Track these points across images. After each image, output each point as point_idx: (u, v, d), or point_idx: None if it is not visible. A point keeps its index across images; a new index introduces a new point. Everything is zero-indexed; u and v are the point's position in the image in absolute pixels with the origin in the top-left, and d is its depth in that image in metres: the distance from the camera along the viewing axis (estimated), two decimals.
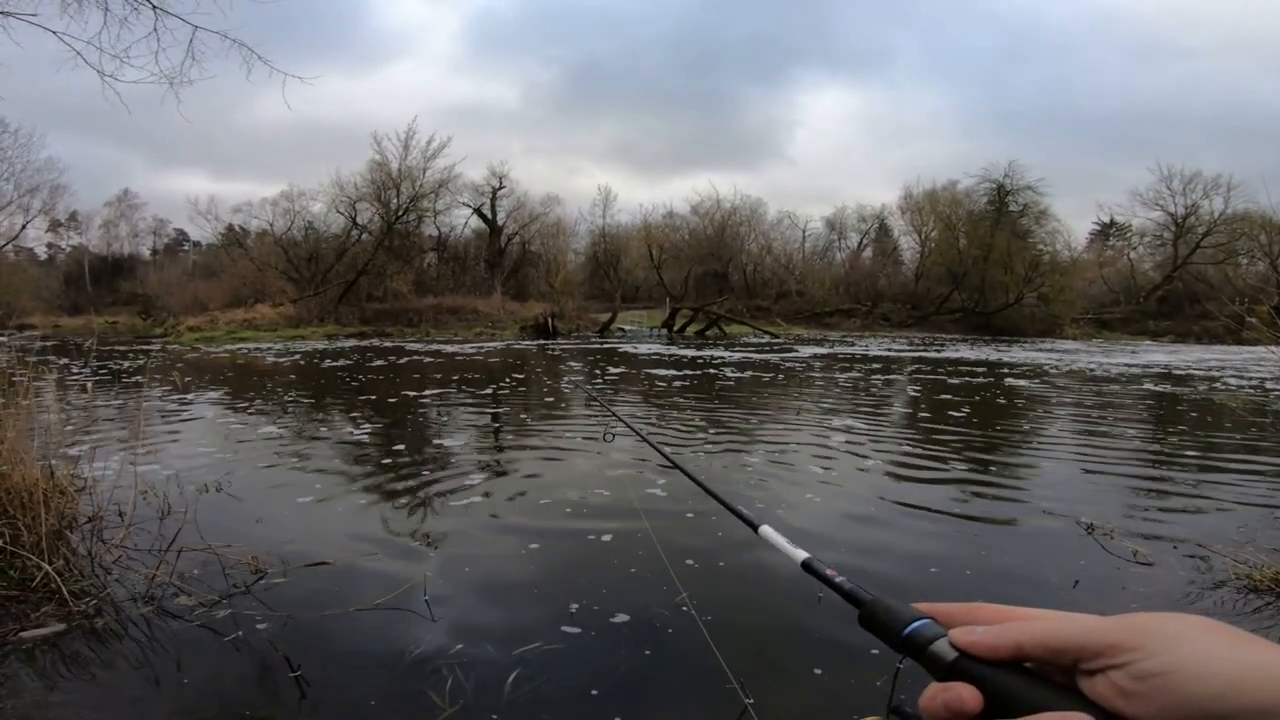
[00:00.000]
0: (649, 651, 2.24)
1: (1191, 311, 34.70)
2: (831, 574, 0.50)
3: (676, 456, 1.14)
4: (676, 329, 30.27)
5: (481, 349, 19.22)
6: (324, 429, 6.39)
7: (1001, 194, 39.87)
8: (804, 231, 47.05)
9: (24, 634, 2.26)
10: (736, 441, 5.91)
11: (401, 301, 31.02)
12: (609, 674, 2.11)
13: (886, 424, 7.15)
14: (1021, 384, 11.29)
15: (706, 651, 2.03)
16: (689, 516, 3.61)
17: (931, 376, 12.39)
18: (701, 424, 6.76)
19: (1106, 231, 47.51)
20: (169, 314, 30.67)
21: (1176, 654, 0.31)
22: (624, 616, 2.47)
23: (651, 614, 2.48)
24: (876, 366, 14.52)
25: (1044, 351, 22.03)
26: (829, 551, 3.17)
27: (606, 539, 3.29)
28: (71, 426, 5.41)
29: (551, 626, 2.38)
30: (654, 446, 1.27)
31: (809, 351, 19.63)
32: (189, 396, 8.59)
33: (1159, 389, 11.13)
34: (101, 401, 7.85)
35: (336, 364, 13.96)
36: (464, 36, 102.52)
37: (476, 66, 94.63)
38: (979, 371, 13.55)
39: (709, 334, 29.27)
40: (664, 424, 6.73)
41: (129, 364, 13.47)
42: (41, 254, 46.40)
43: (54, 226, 44.73)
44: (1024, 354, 20.30)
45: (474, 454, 5.29)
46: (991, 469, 4.99)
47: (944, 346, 23.77)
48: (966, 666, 0.37)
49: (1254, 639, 0.32)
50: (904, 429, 6.91)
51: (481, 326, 29.63)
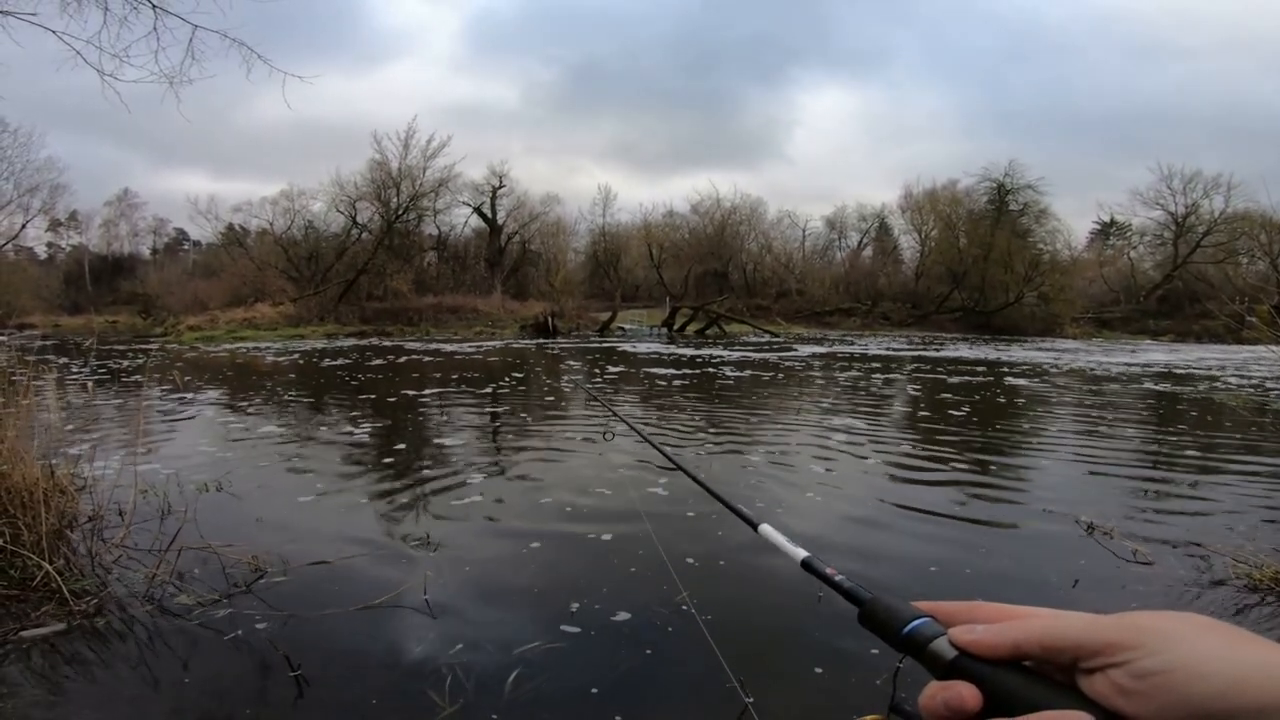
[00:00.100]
0: (649, 651, 2.25)
1: (1192, 311, 34.68)
2: (831, 573, 0.50)
3: (677, 456, 1.14)
4: (676, 328, 30.26)
5: (480, 348, 19.21)
6: (324, 428, 6.39)
7: (1002, 193, 39.86)
8: (804, 231, 47.11)
9: (24, 633, 2.26)
10: (736, 441, 5.91)
11: (401, 301, 31.01)
12: (609, 673, 2.11)
13: (886, 423, 7.15)
14: (1021, 383, 11.28)
15: (707, 650, 2.03)
16: (689, 516, 3.61)
17: (931, 375, 12.39)
18: (701, 423, 6.77)
19: (1107, 231, 47.50)
20: (169, 313, 30.67)
21: (1176, 652, 0.31)
22: (624, 616, 2.47)
23: (652, 613, 2.49)
24: (876, 366, 14.52)
25: (1044, 351, 22.03)
26: (829, 550, 3.17)
27: (607, 538, 3.29)
28: (71, 426, 5.41)
29: (552, 626, 2.38)
30: (655, 446, 1.27)
31: (808, 350, 19.62)
32: (189, 396, 8.59)
33: (1159, 388, 11.13)
34: (101, 401, 7.85)
35: (335, 363, 13.96)
36: (464, 36, 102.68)
37: (476, 66, 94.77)
38: (979, 371, 13.54)
39: (709, 333, 29.26)
40: (664, 423, 6.73)
41: (128, 363, 13.46)
42: (41, 253, 46.45)
43: (54, 226, 44.75)
44: (1024, 353, 20.30)
45: (474, 453, 5.29)
46: (991, 468, 4.99)
47: (944, 345, 23.76)
48: (966, 665, 0.37)
49: (1253, 638, 0.32)
50: (904, 428, 6.91)
51: (481, 325, 29.63)
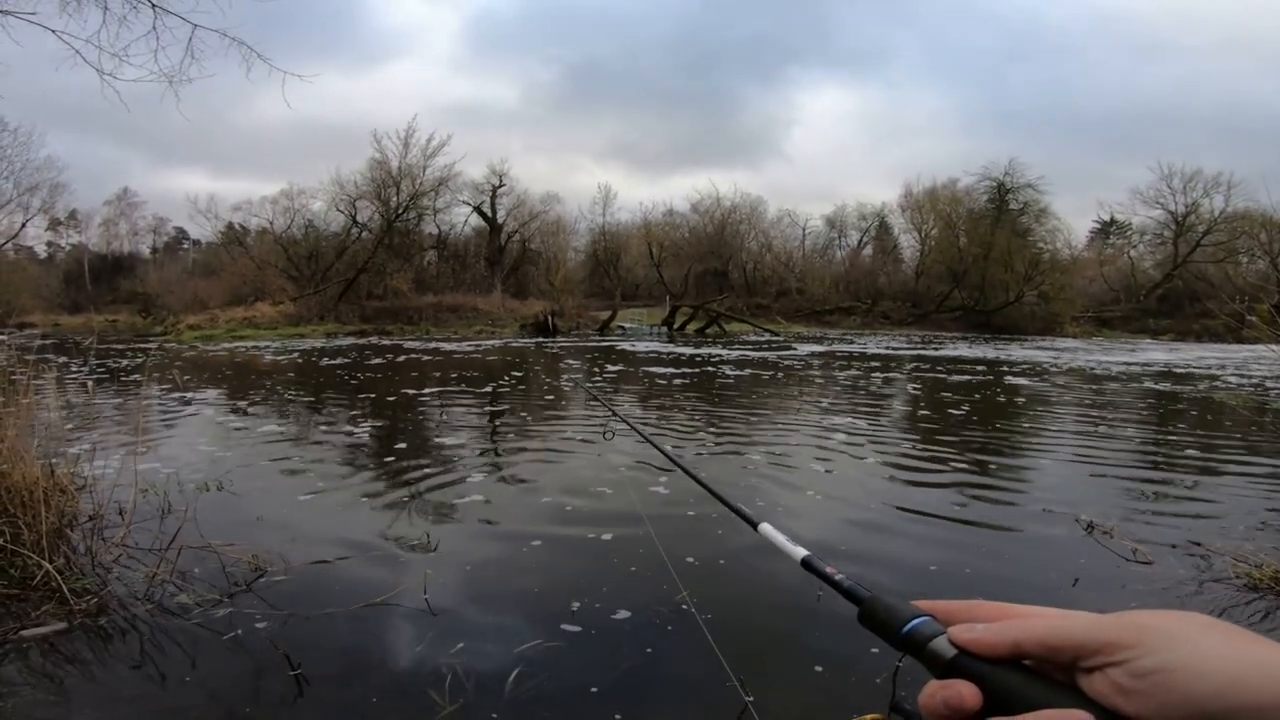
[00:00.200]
0: (649, 650, 2.25)
1: (1192, 310, 34.65)
2: (831, 571, 0.50)
3: (676, 455, 1.13)
4: (676, 327, 30.24)
5: (479, 347, 19.21)
6: (324, 427, 6.39)
7: (1002, 192, 39.82)
8: (804, 229, 47.02)
9: (24, 632, 2.26)
10: (736, 440, 5.91)
11: (401, 299, 30.98)
12: (609, 672, 2.12)
13: (886, 422, 7.15)
14: (1021, 382, 11.28)
15: (707, 649, 2.03)
16: (689, 515, 3.61)
17: (931, 375, 12.39)
18: (701, 422, 6.77)
19: (1107, 230, 47.47)
20: (169, 312, 30.64)
21: (1175, 651, 0.31)
22: (624, 614, 2.47)
23: (652, 612, 2.49)
24: (875, 365, 14.51)
25: (1044, 350, 22.03)
26: (829, 549, 3.17)
27: (607, 537, 3.29)
28: (71, 425, 5.41)
29: (552, 625, 2.38)
30: (655, 445, 1.27)
31: (807, 349, 19.62)
32: (188, 395, 8.59)
33: (1159, 387, 11.14)
34: (101, 400, 7.85)
35: (334, 362, 13.95)
36: (463, 36, 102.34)
37: (476, 66, 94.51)
38: (978, 370, 13.54)
39: (709, 332, 29.25)
40: (664, 422, 6.73)
41: (127, 362, 13.46)
42: (41, 252, 46.37)
43: (53, 225, 44.69)
44: (1023, 352, 20.30)
45: (474, 453, 5.29)
46: (991, 468, 4.99)
47: (943, 344, 23.75)
48: (966, 664, 0.37)
49: (1253, 637, 0.32)
50: (903, 427, 6.91)
51: (481, 324, 29.62)
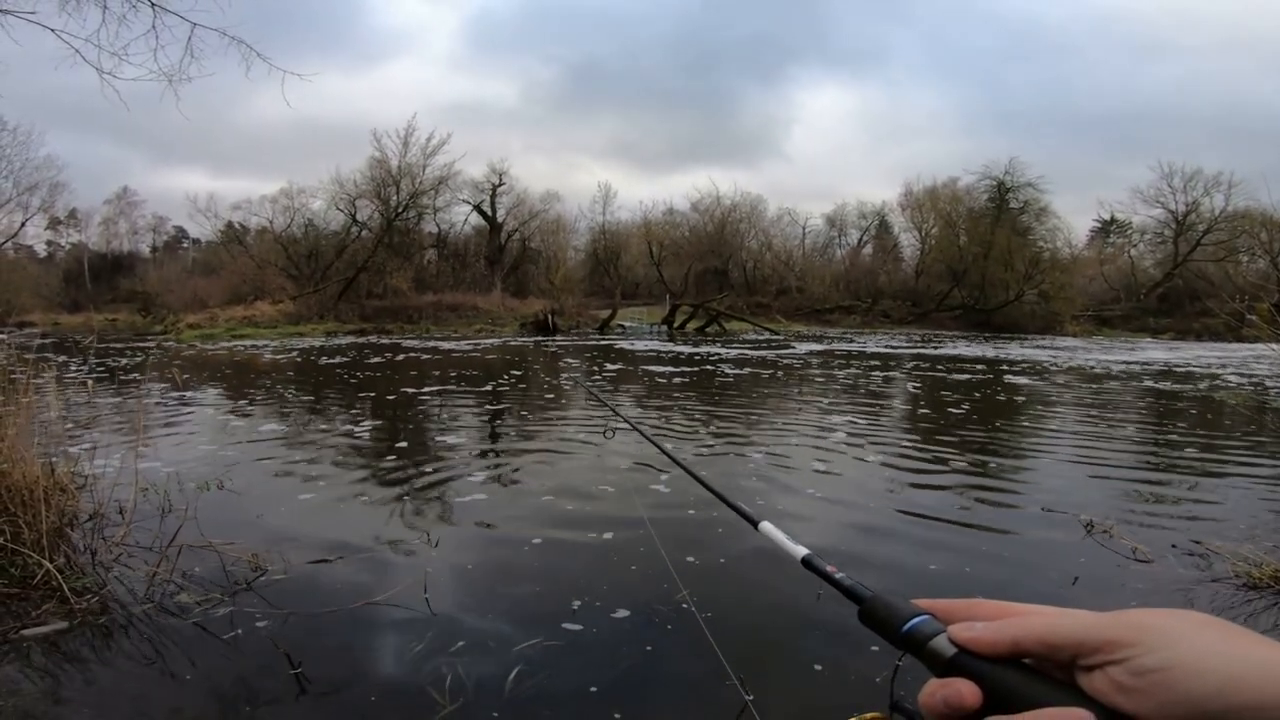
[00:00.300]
0: (649, 648, 2.25)
1: (1192, 309, 34.62)
2: (831, 570, 0.50)
3: (677, 454, 1.14)
4: (677, 325, 30.25)
5: (478, 345, 19.20)
6: (324, 426, 6.39)
7: (1002, 191, 39.80)
8: (804, 228, 47.00)
9: (25, 632, 2.26)
10: (736, 439, 5.92)
11: (401, 298, 30.99)
12: (610, 671, 2.12)
13: (885, 422, 7.16)
14: (1021, 381, 11.28)
15: (707, 648, 2.04)
16: (690, 513, 3.62)
17: (931, 373, 12.39)
18: (701, 421, 6.77)
19: (1107, 229, 47.45)
20: (169, 311, 30.64)
21: (1174, 650, 0.31)
22: (624, 613, 2.47)
23: (652, 611, 2.49)
24: (875, 364, 14.51)
25: (1044, 348, 22.03)
26: (829, 548, 3.18)
27: (607, 536, 3.30)
28: (71, 424, 5.41)
29: (552, 623, 2.39)
30: (655, 444, 1.27)
31: (806, 348, 19.62)
32: (188, 394, 8.60)
33: (1159, 386, 11.14)
34: (101, 399, 7.85)
35: (333, 361, 13.95)
36: (463, 35, 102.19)
37: (476, 65, 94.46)
38: (978, 369, 13.54)
39: (709, 330, 29.25)
40: (664, 422, 6.74)
41: (127, 361, 13.46)
42: (41, 251, 46.33)
43: (53, 224, 44.67)
44: (1023, 351, 20.29)
45: (474, 452, 5.30)
46: (991, 466, 5.00)
47: (943, 343, 23.75)
48: (966, 662, 0.37)
49: (1251, 635, 0.32)
50: (903, 427, 6.92)
51: (481, 323, 29.62)
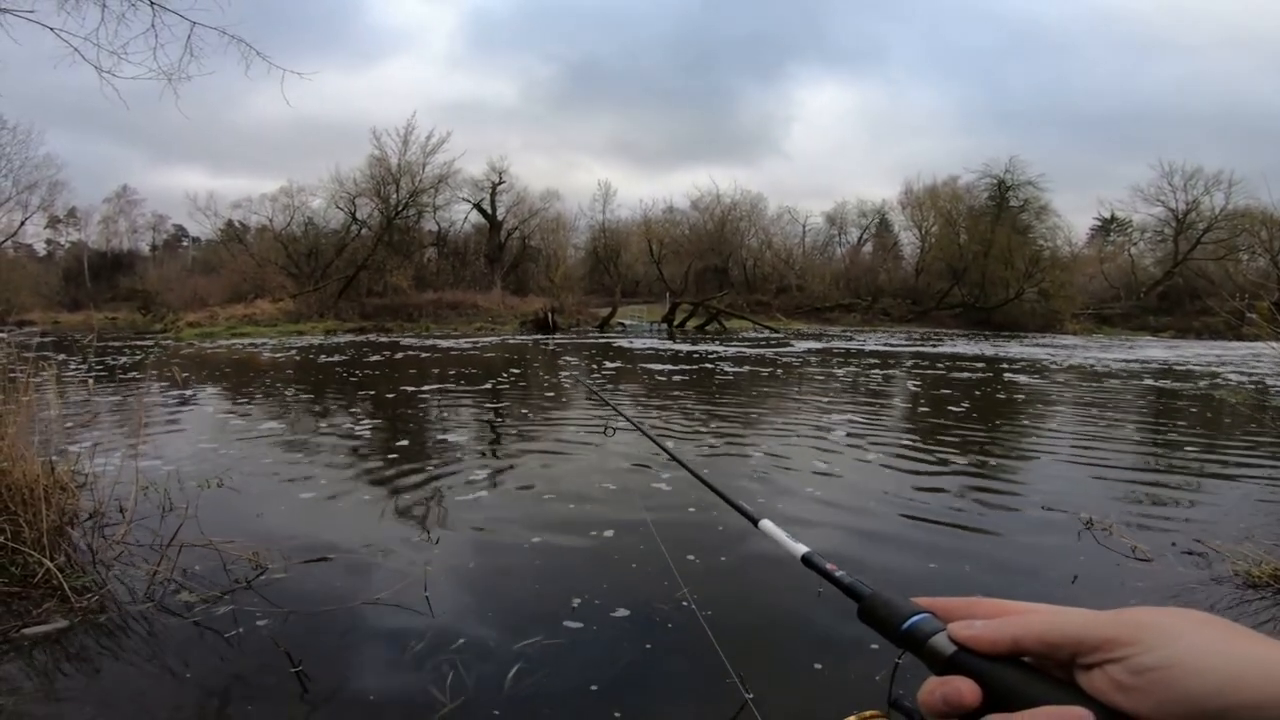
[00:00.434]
0: (650, 646, 2.25)
1: (1192, 307, 34.59)
2: (831, 568, 0.50)
3: (678, 451, 1.14)
4: (677, 324, 30.22)
5: (477, 343, 19.19)
6: (323, 424, 6.39)
7: (1002, 189, 39.74)
8: (804, 226, 46.95)
9: (26, 630, 2.26)
10: (736, 437, 5.92)
11: (401, 297, 30.94)
12: (610, 669, 2.12)
13: (885, 419, 7.16)
14: (1021, 379, 11.28)
15: (707, 646, 2.04)
16: (690, 511, 3.62)
17: (930, 372, 12.39)
18: (701, 419, 6.77)
19: (1107, 227, 47.40)
20: (169, 309, 30.59)
21: (1173, 648, 0.31)
22: (625, 611, 2.47)
23: (652, 609, 2.49)
24: (874, 362, 14.51)
25: (1044, 347, 22.02)
26: (829, 546, 3.18)
27: (608, 534, 3.30)
28: (71, 423, 5.41)
29: (552, 621, 2.39)
30: (655, 441, 1.27)
31: (804, 346, 19.62)
32: (188, 392, 8.60)
33: (1159, 384, 11.14)
34: (101, 397, 7.85)
35: (332, 359, 13.94)
36: (461, 34, 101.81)
37: (475, 63, 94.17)
38: (978, 367, 13.54)
39: (709, 329, 29.23)
40: (664, 420, 6.74)
41: (126, 359, 13.46)
42: (41, 250, 46.23)
43: (53, 223, 44.62)
44: (1024, 349, 20.29)
45: (474, 449, 5.30)
46: (991, 465, 5.00)
47: (942, 341, 23.74)
48: (965, 660, 0.37)
49: (1250, 634, 0.32)
50: (903, 424, 6.92)
51: (481, 321, 29.60)
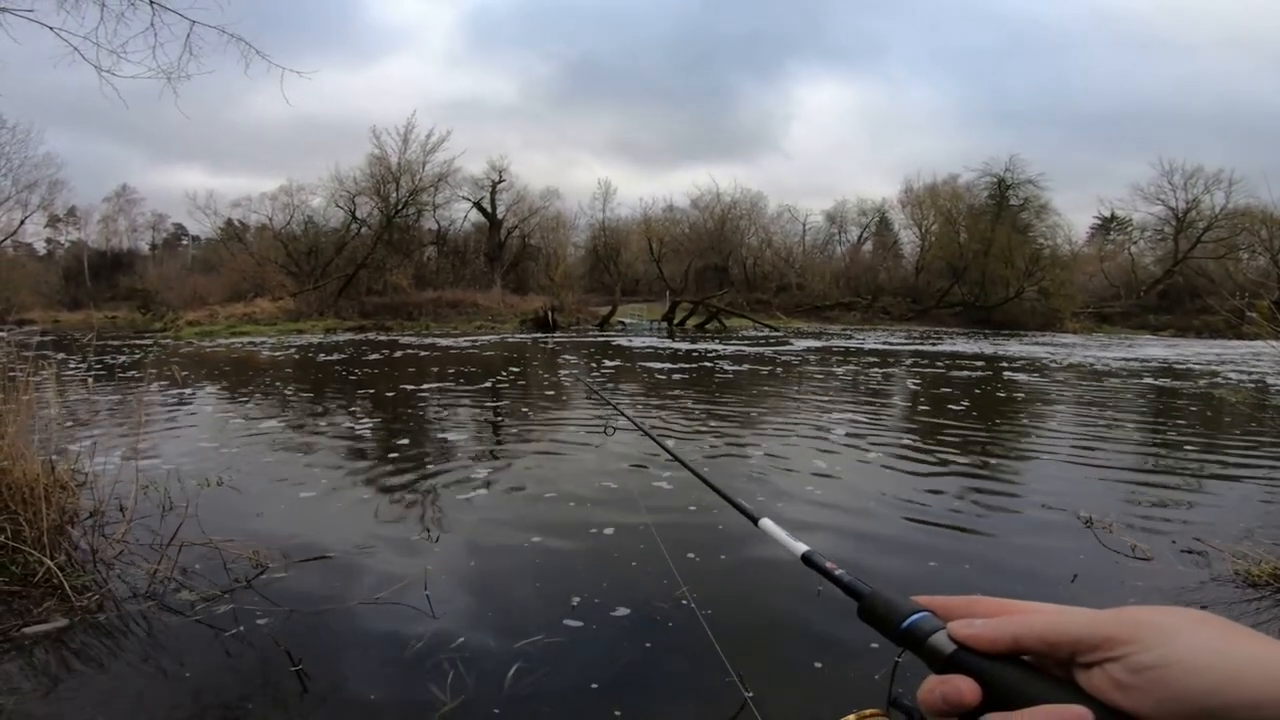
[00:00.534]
0: (649, 645, 2.25)
1: (1192, 306, 34.58)
2: (831, 567, 0.50)
3: (677, 450, 1.14)
4: (676, 322, 30.21)
5: (476, 342, 19.18)
6: (323, 423, 6.39)
7: (1002, 188, 39.73)
8: (804, 225, 46.92)
9: (26, 629, 2.27)
10: (736, 435, 5.92)
11: (401, 295, 30.95)
12: (609, 667, 2.12)
13: (885, 418, 7.16)
14: (1021, 378, 11.28)
15: (707, 645, 2.04)
16: (690, 510, 3.62)
17: (930, 370, 12.39)
18: (700, 418, 6.77)
19: (1107, 226, 47.38)
20: (169, 308, 30.56)
21: (1172, 647, 0.31)
22: (625, 610, 2.48)
23: (652, 608, 2.50)
24: (874, 360, 14.51)
25: (1044, 345, 22.03)
26: (828, 545, 3.18)
27: (608, 533, 3.30)
28: (71, 422, 5.42)
29: (552, 620, 2.39)
30: (655, 440, 1.27)
31: (804, 345, 19.62)
32: (188, 391, 8.60)
33: (1159, 383, 11.13)
34: (101, 396, 7.85)
35: (331, 358, 13.93)
36: (460, 32, 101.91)
37: (474, 61, 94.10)
38: (978, 365, 13.54)
39: (709, 327, 29.23)
40: (663, 418, 6.74)
41: (126, 358, 13.45)
42: (40, 249, 46.22)
43: (53, 222, 44.58)
44: (1023, 348, 20.28)
45: (474, 448, 5.30)
46: (990, 463, 5.00)
47: (941, 340, 23.75)
48: (965, 659, 0.37)
49: (1248, 632, 0.32)
50: (903, 423, 6.92)
51: (481, 320, 29.60)
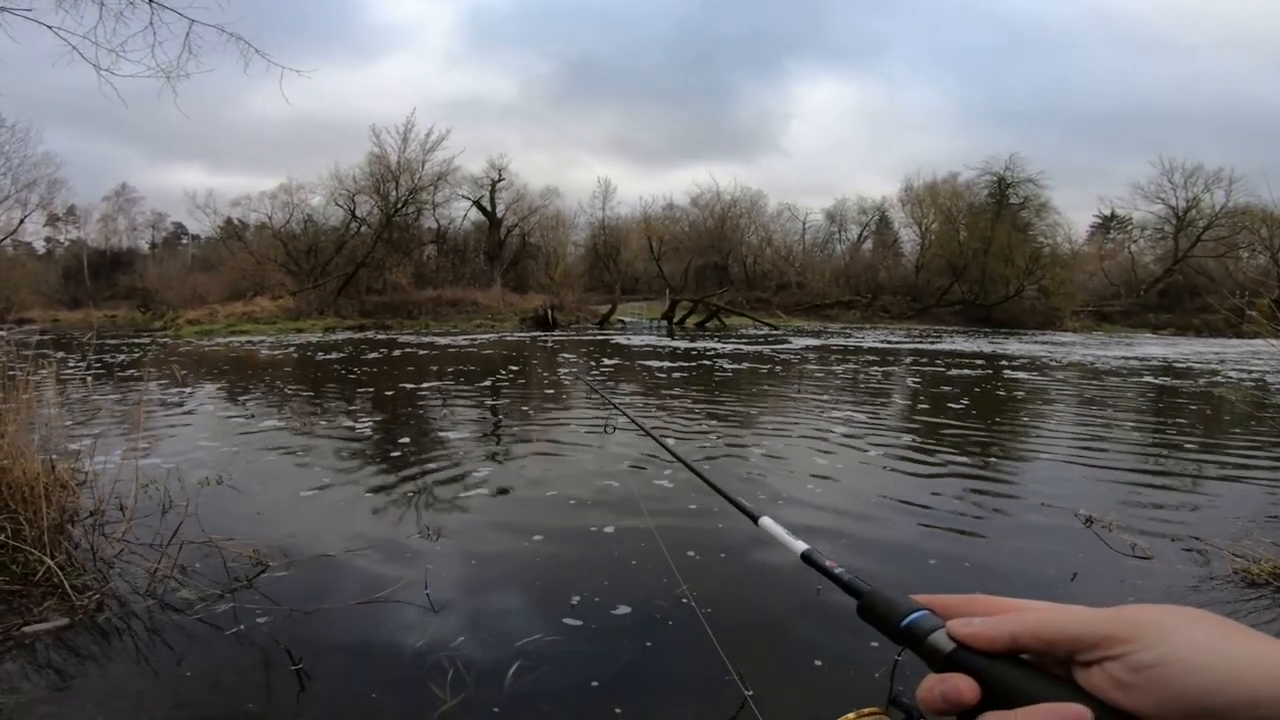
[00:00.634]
0: (650, 644, 2.26)
1: (1192, 304, 34.57)
2: (831, 565, 0.50)
3: (677, 449, 1.14)
4: (676, 321, 30.21)
5: (475, 340, 19.17)
6: (323, 422, 6.39)
7: (1002, 186, 39.71)
8: (804, 223, 46.89)
9: (27, 628, 2.27)
10: (735, 434, 5.92)
11: (401, 294, 30.95)
12: (610, 666, 2.12)
13: (884, 417, 7.16)
14: (1020, 377, 11.29)
15: (707, 644, 2.04)
16: (690, 509, 3.62)
17: (930, 369, 12.39)
18: (700, 416, 6.77)
19: (1107, 224, 47.38)
20: (168, 307, 30.57)
21: (1171, 646, 0.31)
22: (625, 609, 2.48)
23: (652, 606, 2.50)
24: (873, 359, 14.51)
25: (1043, 344, 22.02)
26: (828, 543, 3.18)
27: (608, 531, 3.30)
28: (71, 421, 5.41)
29: (553, 619, 2.39)
30: (656, 439, 1.27)
31: (802, 343, 19.62)
32: (187, 390, 8.60)
33: (1159, 382, 11.13)
34: (100, 395, 7.85)
35: (330, 357, 13.93)
36: (459, 31, 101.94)
37: (473, 60, 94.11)
38: (977, 364, 13.54)
39: (709, 326, 29.24)
40: (664, 417, 6.74)
41: (124, 357, 13.45)
42: (40, 248, 46.23)
43: (52, 221, 44.57)
44: (1023, 346, 20.28)
45: (475, 447, 5.30)
46: (990, 462, 5.00)
47: (942, 338, 23.74)
48: (964, 658, 0.37)
49: (1246, 631, 0.32)
50: (902, 422, 6.92)
51: (481, 318, 29.59)
